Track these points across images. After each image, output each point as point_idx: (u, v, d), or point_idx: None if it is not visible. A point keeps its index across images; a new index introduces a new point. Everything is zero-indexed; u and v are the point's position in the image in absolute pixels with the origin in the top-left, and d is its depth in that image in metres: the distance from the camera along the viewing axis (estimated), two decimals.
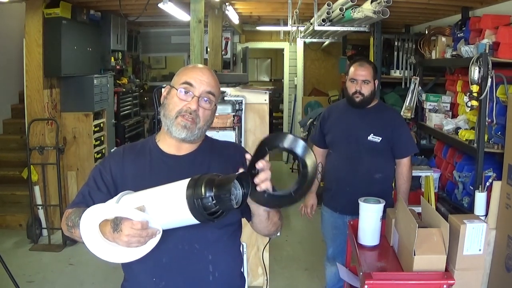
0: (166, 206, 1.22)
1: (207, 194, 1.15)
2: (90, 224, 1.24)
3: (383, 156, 2.65)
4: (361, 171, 2.63)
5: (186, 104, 1.40)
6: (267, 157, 1.22)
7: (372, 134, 2.60)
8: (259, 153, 1.19)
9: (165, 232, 1.24)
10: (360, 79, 2.59)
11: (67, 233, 1.40)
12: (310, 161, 1.20)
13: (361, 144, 2.62)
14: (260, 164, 1.17)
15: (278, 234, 1.54)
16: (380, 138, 2.60)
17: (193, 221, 1.20)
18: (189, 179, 1.20)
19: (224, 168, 1.38)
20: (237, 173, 1.18)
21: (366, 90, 2.60)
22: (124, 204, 1.25)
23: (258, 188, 1.18)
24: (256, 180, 1.18)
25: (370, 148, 2.61)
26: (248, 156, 1.20)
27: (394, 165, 2.71)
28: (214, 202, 1.16)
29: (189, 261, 1.39)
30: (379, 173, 2.64)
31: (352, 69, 2.64)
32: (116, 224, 1.19)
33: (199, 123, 1.41)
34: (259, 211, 1.33)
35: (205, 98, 1.42)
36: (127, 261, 1.25)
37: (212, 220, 1.20)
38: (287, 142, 1.21)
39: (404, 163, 2.64)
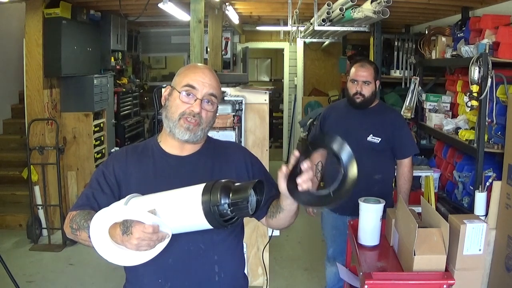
0: (180, 211, 1.21)
1: (223, 201, 1.16)
2: (100, 226, 1.23)
3: (383, 156, 2.65)
4: (360, 172, 2.60)
5: (189, 107, 1.39)
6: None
7: (371, 135, 2.60)
8: (304, 153, 1.19)
9: (172, 234, 1.23)
10: (361, 80, 2.59)
11: (70, 236, 1.37)
12: (351, 171, 1.21)
13: (360, 144, 2.61)
14: (305, 165, 1.19)
15: (278, 233, 1.55)
16: (380, 139, 2.59)
17: (206, 226, 1.20)
18: (203, 184, 1.20)
19: (227, 169, 1.38)
20: (253, 180, 1.20)
21: (367, 91, 2.60)
22: (135, 207, 1.25)
23: (299, 188, 1.20)
24: (299, 180, 1.19)
25: (369, 148, 2.60)
26: (296, 153, 1.20)
27: (394, 166, 2.71)
28: (230, 209, 1.17)
29: (195, 262, 1.38)
30: (379, 173, 2.64)
31: (353, 69, 2.64)
32: (126, 227, 1.18)
33: (202, 124, 1.40)
34: (292, 207, 1.33)
35: (207, 100, 1.41)
36: (134, 264, 1.24)
37: (226, 226, 1.21)
38: (335, 145, 1.20)
39: (405, 164, 2.64)
